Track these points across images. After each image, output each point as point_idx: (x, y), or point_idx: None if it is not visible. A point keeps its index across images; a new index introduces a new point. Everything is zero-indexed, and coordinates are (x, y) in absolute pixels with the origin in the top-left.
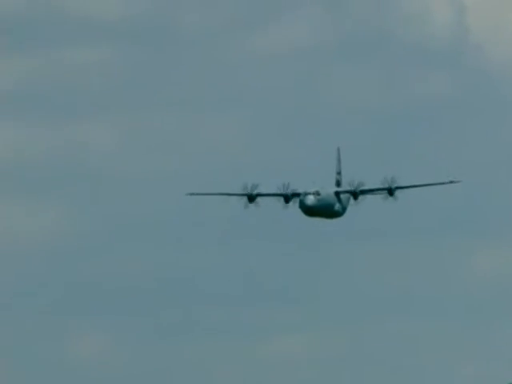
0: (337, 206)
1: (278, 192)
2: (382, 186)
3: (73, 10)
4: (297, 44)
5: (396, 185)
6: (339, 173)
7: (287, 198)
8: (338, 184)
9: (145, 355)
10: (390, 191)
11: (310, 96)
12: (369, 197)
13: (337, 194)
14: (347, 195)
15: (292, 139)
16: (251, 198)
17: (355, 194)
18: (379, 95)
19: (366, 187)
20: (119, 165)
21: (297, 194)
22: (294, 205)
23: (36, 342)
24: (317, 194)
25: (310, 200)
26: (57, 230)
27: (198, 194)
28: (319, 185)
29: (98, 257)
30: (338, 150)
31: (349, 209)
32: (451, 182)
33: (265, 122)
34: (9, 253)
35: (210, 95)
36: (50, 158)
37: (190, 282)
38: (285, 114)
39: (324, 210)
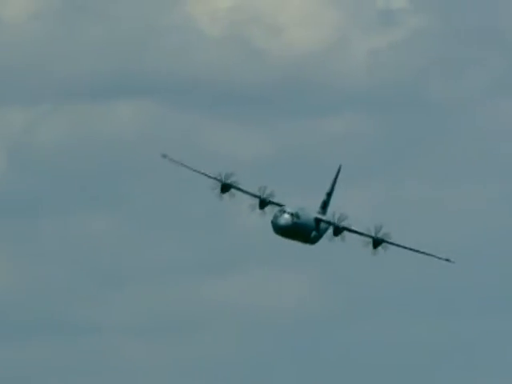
0: (313, 234)
1: (254, 193)
2: (368, 233)
3: (320, 79)
4: None
5: (384, 237)
6: (330, 194)
7: (263, 203)
8: (324, 206)
9: None
10: (375, 242)
11: None
12: (352, 238)
13: (317, 221)
14: (326, 226)
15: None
16: (224, 187)
17: (337, 229)
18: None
19: (351, 226)
20: None
21: (273, 203)
22: (269, 214)
23: None
24: (296, 216)
25: (285, 220)
26: None
27: (172, 160)
28: (302, 204)
29: None
30: (339, 168)
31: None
32: (447, 260)
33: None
34: None
35: None
36: None
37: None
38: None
39: (297, 234)
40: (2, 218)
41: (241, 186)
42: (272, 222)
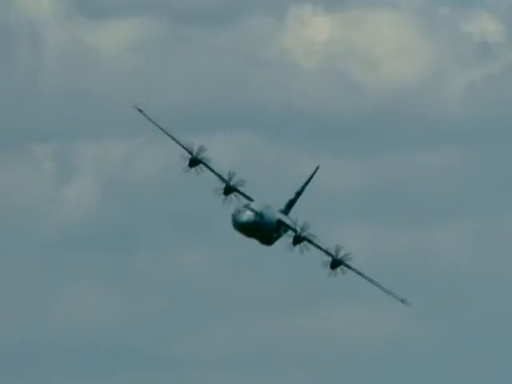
0: (273, 235)
1: (221, 175)
2: (329, 250)
3: (415, 111)
4: None
5: (344, 259)
6: (299, 193)
7: (227, 189)
8: (290, 205)
9: None
10: (334, 263)
11: None
12: (311, 251)
13: (279, 223)
14: (287, 230)
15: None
16: (193, 161)
17: (296, 238)
18: None
19: (313, 239)
20: None
21: (239, 192)
22: (234, 203)
23: None
24: (259, 215)
25: (247, 217)
26: None
27: (144, 115)
28: (271, 200)
29: None
30: (317, 168)
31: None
32: (402, 300)
33: None
34: None
35: None
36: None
37: None
38: None
39: (257, 233)
40: (96, 252)
41: (211, 165)
42: (233, 215)
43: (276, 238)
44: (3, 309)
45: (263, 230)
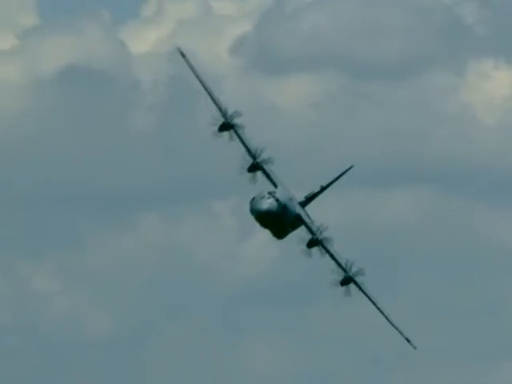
0: (289, 230)
1: (251, 149)
2: (344, 266)
3: None
4: None
5: (356, 279)
6: (324, 188)
7: (253, 166)
8: (311, 198)
9: None
10: (346, 280)
11: None
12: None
13: (297, 219)
14: (300, 226)
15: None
16: (225, 126)
17: (311, 242)
18: None
19: (328, 246)
20: None
21: (264, 171)
22: (259, 183)
23: None
24: (282, 206)
25: (269, 205)
26: None
27: (185, 58)
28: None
29: None
30: (351, 168)
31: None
32: (407, 340)
33: None
34: None
35: None
36: None
37: None
38: None
39: (273, 224)
40: (275, 307)
41: (242, 134)
42: (253, 200)
43: (288, 233)
44: (186, 365)
45: (281, 223)
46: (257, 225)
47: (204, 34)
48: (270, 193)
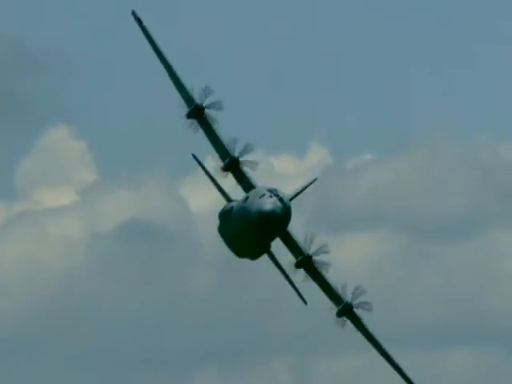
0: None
1: (226, 143)
2: (340, 292)
3: None
4: None
5: (358, 306)
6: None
7: (232, 164)
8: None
9: None
10: (345, 308)
11: None
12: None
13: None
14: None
15: None
16: (196, 111)
17: (303, 261)
18: None
19: (323, 270)
20: None
21: (236, 167)
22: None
23: None
24: (287, 207)
25: (272, 205)
26: None
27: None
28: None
29: None
30: (314, 180)
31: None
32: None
33: None
34: None
35: None
36: None
37: None
38: None
39: (271, 232)
40: None
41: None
42: (244, 204)
43: (269, 249)
44: None
45: (278, 231)
46: None
47: None
48: (270, 190)
